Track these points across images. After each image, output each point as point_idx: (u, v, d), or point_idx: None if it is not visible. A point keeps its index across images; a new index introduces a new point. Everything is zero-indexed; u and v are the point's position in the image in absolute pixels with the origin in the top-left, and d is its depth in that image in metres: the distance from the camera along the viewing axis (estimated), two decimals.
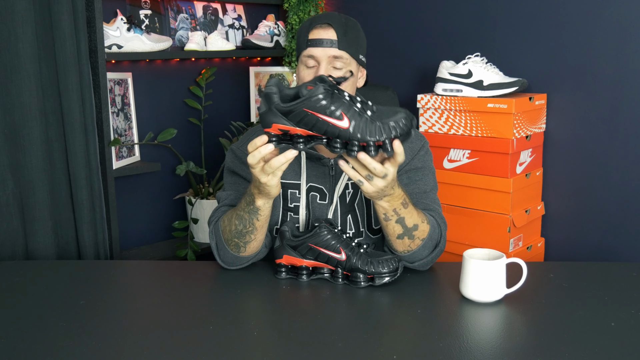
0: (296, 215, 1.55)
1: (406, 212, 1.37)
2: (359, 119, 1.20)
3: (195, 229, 2.64)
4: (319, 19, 1.52)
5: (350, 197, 1.55)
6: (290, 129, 1.23)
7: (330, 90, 1.21)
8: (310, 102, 1.19)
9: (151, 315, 1.29)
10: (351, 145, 1.21)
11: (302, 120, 1.21)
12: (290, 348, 1.13)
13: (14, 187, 2.00)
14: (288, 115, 1.22)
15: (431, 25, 2.69)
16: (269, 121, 1.24)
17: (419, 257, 1.44)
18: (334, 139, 1.22)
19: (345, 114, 1.20)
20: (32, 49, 1.97)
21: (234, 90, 2.93)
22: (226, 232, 1.45)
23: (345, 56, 1.50)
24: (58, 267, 1.66)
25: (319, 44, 1.49)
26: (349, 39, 1.51)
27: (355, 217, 1.55)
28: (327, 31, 1.50)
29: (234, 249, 1.46)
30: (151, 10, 2.59)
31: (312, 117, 1.20)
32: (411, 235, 1.40)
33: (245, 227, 1.41)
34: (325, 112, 1.19)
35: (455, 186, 2.39)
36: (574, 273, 1.51)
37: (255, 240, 1.45)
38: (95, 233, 2.19)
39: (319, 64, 1.50)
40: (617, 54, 2.25)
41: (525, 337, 1.19)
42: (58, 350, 1.13)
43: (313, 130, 1.22)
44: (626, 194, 2.29)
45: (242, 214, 1.41)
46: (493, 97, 2.31)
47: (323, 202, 1.55)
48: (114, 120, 2.37)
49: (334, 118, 1.20)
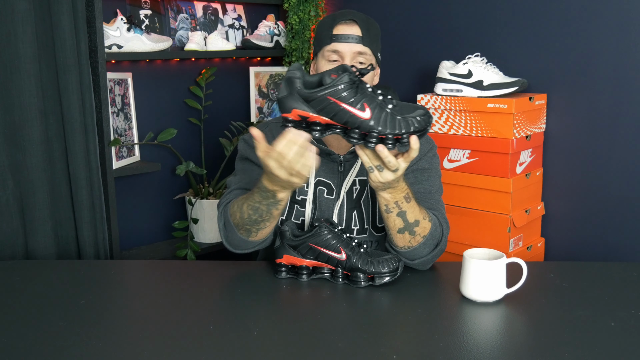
0: (302, 209, 1.56)
1: (408, 206, 1.38)
2: (380, 111, 1.21)
3: (195, 229, 2.64)
4: (343, 15, 1.55)
5: (357, 193, 1.56)
6: (311, 116, 1.22)
7: (354, 80, 1.21)
8: (334, 91, 1.19)
9: (151, 315, 1.29)
10: (370, 137, 1.21)
11: (323, 109, 1.21)
12: (290, 348, 1.13)
13: (14, 187, 2.00)
14: (309, 101, 1.21)
15: (431, 25, 2.69)
16: (289, 106, 1.22)
17: (419, 254, 1.44)
18: (352, 129, 1.22)
19: (367, 105, 1.20)
20: (32, 49, 1.97)
21: (234, 90, 2.93)
22: (236, 218, 1.44)
23: (369, 52, 1.55)
24: (58, 267, 1.66)
25: (344, 39, 1.52)
26: (371, 36, 1.55)
27: (360, 214, 1.56)
28: (352, 27, 1.53)
29: (244, 233, 1.46)
30: (151, 10, 2.59)
31: (334, 105, 1.20)
32: (412, 230, 1.40)
33: (261, 216, 1.41)
34: (349, 101, 1.19)
35: (455, 186, 2.39)
36: (574, 273, 1.51)
37: (269, 227, 1.45)
38: (95, 233, 2.19)
39: (342, 59, 1.53)
40: (617, 54, 2.25)
41: (525, 337, 1.19)
42: (58, 350, 1.13)
43: (334, 119, 1.22)
44: (626, 194, 2.29)
45: (258, 206, 1.39)
46: (493, 97, 2.31)
47: (330, 197, 1.56)
48: (114, 120, 2.37)
49: (356, 108, 1.20)
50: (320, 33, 1.57)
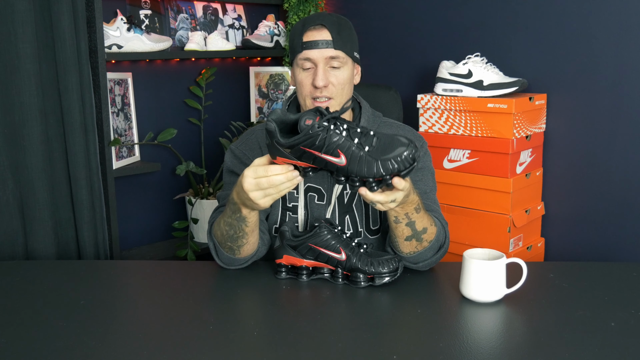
0: (295, 215, 1.55)
1: (417, 216, 1.36)
2: (355, 156, 1.18)
3: (195, 229, 2.64)
4: (311, 21, 1.50)
5: (349, 197, 1.55)
6: (294, 162, 1.24)
7: (327, 125, 1.18)
8: (307, 140, 1.18)
9: (151, 315, 1.29)
10: (352, 181, 1.21)
11: (302, 156, 1.21)
12: (290, 348, 1.13)
13: (14, 187, 2.00)
14: (289, 151, 1.22)
15: (431, 25, 2.69)
16: (274, 154, 1.24)
17: (424, 258, 1.44)
18: (335, 172, 1.22)
19: (341, 152, 1.18)
20: (32, 49, 1.97)
21: (234, 90, 2.93)
22: (218, 236, 1.45)
23: (342, 55, 1.49)
24: (58, 267, 1.66)
25: (314, 45, 1.48)
26: (343, 38, 1.49)
27: (353, 218, 1.55)
28: (321, 32, 1.48)
29: (228, 251, 1.45)
30: (151, 10, 2.59)
31: (310, 154, 1.20)
32: (419, 237, 1.39)
33: (235, 232, 1.40)
34: (322, 150, 1.18)
35: (455, 186, 2.39)
36: (574, 273, 1.51)
37: (248, 244, 1.44)
38: (95, 233, 2.19)
39: (315, 66, 1.49)
40: (617, 54, 2.25)
41: (525, 337, 1.19)
42: (58, 350, 1.13)
43: (315, 164, 1.22)
44: (626, 194, 2.29)
45: (230, 221, 1.39)
46: (493, 97, 2.31)
47: (321, 202, 1.55)
48: (114, 120, 2.37)
49: (330, 155, 1.19)
50: (292, 41, 1.53)
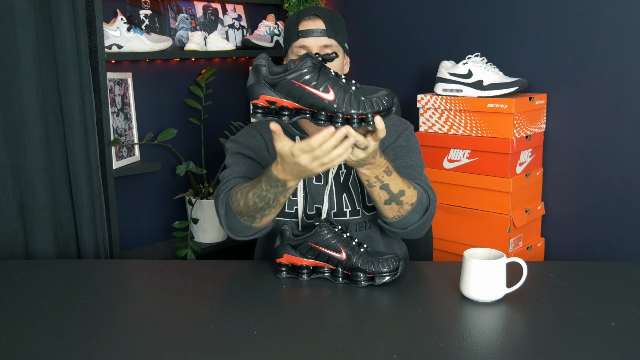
0: (294, 198, 1.61)
1: (390, 179, 1.42)
2: (344, 92, 1.25)
3: (195, 229, 2.64)
4: (307, 12, 1.63)
5: (344, 177, 1.62)
6: (277, 100, 1.27)
7: (317, 64, 1.26)
8: (298, 75, 1.24)
9: (151, 315, 1.29)
10: (335, 118, 1.26)
11: (289, 93, 1.26)
12: (290, 348, 1.13)
13: (14, 187, 2.00)
14: (275, 87, 1.26)
15: (431, 25, 2.69)
16: (257, 93, 1.27)
17: (411, 221, 1.49)
18: (318, 112, 1.27)
19: (331, 88, 1.25)
20: (32, 49, 1.97)
21: (234, 90, 2.93)
22: (240, 206, 1.46)
23: (334, 44, 1.62)
24: (58, 267, 1.66)
25: (309, 34, 1.60)
26: (335, 28, 1.62)
27: (350, 196, 1.62)
28: (316, 22, 1.60)
29: (247, 220, 1.48)
30: (151, 10, 2.59)
31: (299, 89, 1.25)
32: (398, 200, 1.45)
33: (267, 204, 1.43)
34: (312, 84, 1.24)
35: (455, 186, 2.39)
36: (574, 273, 1.51)
37: (274, 214, 1.48)
38: (95, 233, 2.19)
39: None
40: (617, 54, 2.25)
41: (525, 337, 1.19)
42: (58, 350, 1.13)
43: (300, 103, 1.26)
44: (626, 194, 2.29)
45: (265, 194, 1.42)
46: (493, 97, 2.31)
47: (319, 183, 1.62)
48: (114, 120, 2.37)
49: (319, 90, 1.25)
50: (288, 30, 1.64)
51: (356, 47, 2.82)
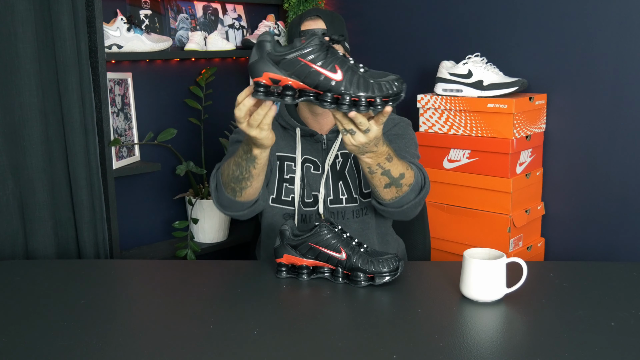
0: (291, 186, 1.64)
1: (391, 165, 1.43)
2: (352, 73, 1.20)
3: (195, 229, 2.64)
4: (308, 13, 1.69)
5: (341, 165, 1.66)
6: (282, 78, 1.20)
7: (324, 43, 1.20)
8: (305, 52, 1.17)
9: (151, 315, 1.29)
10: (342, 99, 1.20)
11: (294, 71, 1.19)
12: (290, 348, 1.13)
13: (14, 187, 2.00)
14: (280, 64, 1.19)
15: (431, 25, 2.69)
16: (260, 69, 1.20)
17: (407, 200, 1.51)
18: (324, 93, 1.20)
19: (339, 67, 1.19)
20: (32, 49, 1.97)
21: (234, 90, 2.91)
22: (224, 176, 1.51)
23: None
24: (58, 267, 1.66)
25: (311, 33, 1.62)
26: (335, 27, 1.67)
27: (346, 183, 1.65)
28: (317, 22, 1.66)
29: (230, 192, 1.51)
30: (151, 10, 2.59)
31: (305, 67, 1.18)
32: (398, 183, 1.47)
33: (242, 173, 1.46)
34: (319, 63, 1.18)
35: (455, 186, 2.39)
36: (574, 273, 1.51)
37: (251, 187, 1.50)
38: (95, 233, 2.19)
39: None
40: (617, 54, 2.25)
41: (525, 337, 1.19)
42: (58, 350, 1.13)
43: (305, 82, 1.19)
44: (626, 194, 2.29)
45: (240, 161, 1.45)
46: (493, 97, 2.31)
47: (316, 172, 1.65)
48: (114, 120, 2.37)
49: (327, 70, 1.19)
50: (290, 31, 1.70)
51: (356, 47, 2.83)
